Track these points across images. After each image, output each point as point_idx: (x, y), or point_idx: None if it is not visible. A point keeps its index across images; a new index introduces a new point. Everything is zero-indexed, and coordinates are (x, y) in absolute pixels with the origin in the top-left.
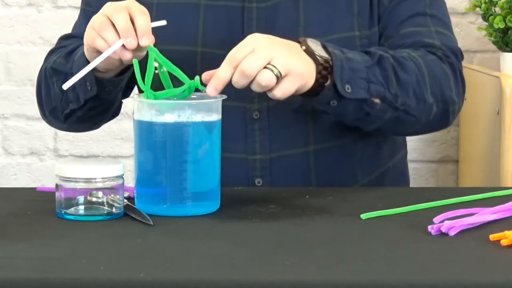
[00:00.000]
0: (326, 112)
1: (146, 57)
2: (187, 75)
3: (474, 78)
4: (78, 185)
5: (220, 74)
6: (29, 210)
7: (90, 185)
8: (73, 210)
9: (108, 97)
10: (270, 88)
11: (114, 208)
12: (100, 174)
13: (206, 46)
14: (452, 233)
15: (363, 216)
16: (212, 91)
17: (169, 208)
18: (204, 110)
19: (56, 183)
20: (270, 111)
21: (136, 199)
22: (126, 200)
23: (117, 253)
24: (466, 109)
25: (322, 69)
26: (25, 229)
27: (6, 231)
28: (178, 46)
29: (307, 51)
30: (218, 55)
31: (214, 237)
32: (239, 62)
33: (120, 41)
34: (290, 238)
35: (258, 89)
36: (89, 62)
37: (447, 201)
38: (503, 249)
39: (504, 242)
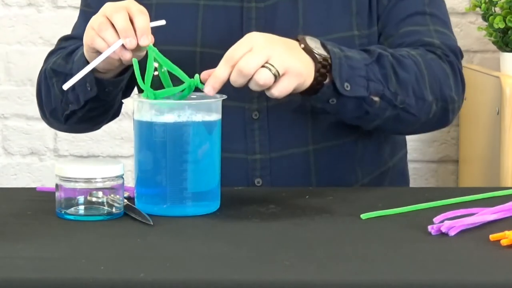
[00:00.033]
0: (325, 110)
1: (146, 57)
2: (187, 76)
3: (474, 78)
4: (78, 185)
5: (217, 73)
6: (29, 210)
7: (90, 185)
8: (73, 210)
9: (108, 97)
10: (268, 87)
11: (114, 208)
12: (100, 174)
13: (205, 46)
14: (452, 233)
15: (363, 216)
16: (210, 90)
17: (169, 208)
18: (204, 110)
19: (56, 183)
20: (270, 111)
21: (136, 199)
22: (126, 200)
23: (117, 253)
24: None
25: (321, 67)
26: (25, 229)
27: (6, 231)
28: (177, 47)
29: (306, 49)
30: (218, 55)
31: (214, 237)
32: (237, 61)
33: (119, 41)
34: (290, 238)
35: (256, 88)
36: (89, 63)
37: (447, 201)
38: (503, 249)
39: (504, 242)
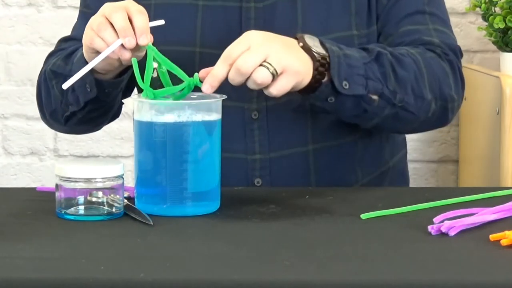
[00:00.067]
0: (324, 108)
1: (145, 57)
2: (186, 75)
3: (474, 78)
4: (78, 185)
5: (215, 71)
6: (29, 210)
7: (90, 185)
8: (73, 210)
9: (107, 99)
10: (266, 85)
11: (114, 208)
12: (100, 174)
13: (204, 47)
14: (452, 233)
15: (363, 216)
16: (207, 89)
17: (169, 208)
18: (204, 110)
19: (56, 183)
20: (269, 111)
21: (136, 199)
22: (126, 200)
23: (117, 253)
24: (466, 109)
25: (319, 65)
26: (25, 229)
27: (6, 231)
28: (177, 47)
29: (304, 48)
30: (217, 55)
31: (214, 237)
32: (235, 60)
33: (118, 40)
34: (290, 238)
35: (254, 86)
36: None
37: (447, 201)
38: (503, 249)
39: (504, 242)
